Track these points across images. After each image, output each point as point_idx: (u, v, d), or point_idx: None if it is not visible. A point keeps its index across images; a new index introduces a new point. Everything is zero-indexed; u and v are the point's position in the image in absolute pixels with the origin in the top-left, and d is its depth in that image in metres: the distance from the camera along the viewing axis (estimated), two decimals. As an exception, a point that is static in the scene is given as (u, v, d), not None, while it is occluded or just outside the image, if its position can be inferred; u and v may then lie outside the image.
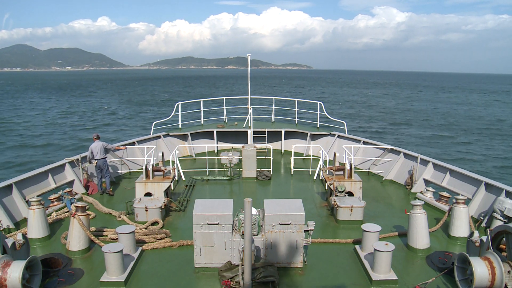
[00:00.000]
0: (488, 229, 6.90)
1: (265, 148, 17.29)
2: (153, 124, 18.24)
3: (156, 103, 71.71)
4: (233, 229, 7.59)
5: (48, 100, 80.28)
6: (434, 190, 12.01)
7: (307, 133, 18.25)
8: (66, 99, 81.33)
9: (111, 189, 12.75)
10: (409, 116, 55.22)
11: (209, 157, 15.87)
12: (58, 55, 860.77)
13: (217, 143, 18.57)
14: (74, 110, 61.48)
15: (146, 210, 10.20)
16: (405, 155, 14.24)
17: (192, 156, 17.59)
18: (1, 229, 8.91)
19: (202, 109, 20.00)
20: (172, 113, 18.89)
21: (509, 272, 6.16)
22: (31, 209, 8.93)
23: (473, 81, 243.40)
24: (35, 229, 8.94)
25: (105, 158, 12.58)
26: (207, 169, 15.04)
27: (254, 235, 7.56)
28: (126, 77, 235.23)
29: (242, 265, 6.33)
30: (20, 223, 9.96)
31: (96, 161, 12.45)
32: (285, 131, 18.38)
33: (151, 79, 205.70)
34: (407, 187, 13.27)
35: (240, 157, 14.91)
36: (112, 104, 70.24)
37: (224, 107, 20.69)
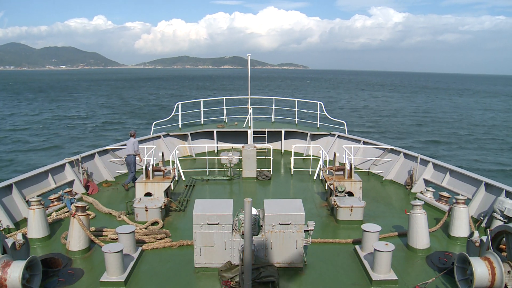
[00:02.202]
0: (488, 229, 6.90)
1: (265, 148, 17.29)
2: (153, 124, 18.24)
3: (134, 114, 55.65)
4: (233, 229, 7.59)
5: (13, 105, 66.98)
6: (434, 190, 12.01)
7: (307, 133, 18.25)
8: (31, 105, 67.16)
9: (128, 185, 13.03)
10: (452, 133, 41.79)
11: (209, 157, 15.87)
12: (53, 54, 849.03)
13: (217, 143, 18.57)
14: (36, 119, 49.83)
15: (146, 210, 10.20)
16: (405, 155, 14.24)
17: (192, 156, 17.59)
18: (1, 229, 8.91)
19: (202, 109, 20.01)
20: (172, 113, 18.90)
21: (509, 272, 6.16)
22: (31, 209, 8.93)
23: (481, 82, 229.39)
24: (35, 229, 8.94)
25: (134, 155, 13.15)
26: (207, 169, 15.04)
27: (254, 235, 7.56)
28: (115, 77, 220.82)
29: (242, 265, 6.33)
30: (20, 223, 9.96)
31: (126, 156, 13.15)
32: (285, 131, 18.39)
33: (143, 79, 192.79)
34: (407, 187, 13.28)
35: (240, 157, 14.92)
36: (80, 111, 58.70)
37: (224, 107, 20.69)
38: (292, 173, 15.01)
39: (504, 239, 6.51)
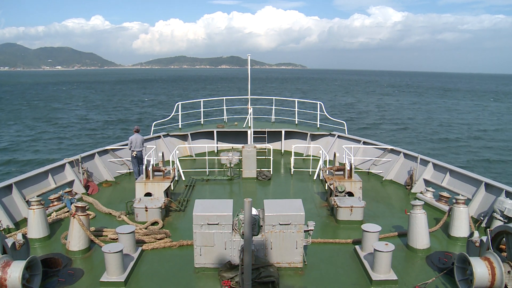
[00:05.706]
0: (488, 229, 6.90)
1: (265, 148, 17.29)
2: (153, 124, 18.24)
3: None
4: (233, 229, 7.59)
5: None
6: (434, 190, 12.01)
7: (307, 133, 18.25)
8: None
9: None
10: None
11: (209, 157, 15.87)
12: (49, 54, 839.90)
13: (217, 143, 18.57)
14: None
15: (146, 210, 10.20)
16: (405, 155, 14.24)
17: (192, 156, 17.58)
18: (1, 229, 8.91)
19: (202, 109, 20.01)
20: (172, 113, 18.90)
21: (509, 272, 6.15)
22: (31, 209, 8.93)
23: (499, 82, 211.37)
24: (35, 229, 8.94)
25: (141, 150, 13.52)
26: (207, 169, 15.04)
27: (254, 235, 7.56)
28: (97, 80, 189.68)
29: (242, 265, 6.33)
30: (20, 223, 9.96)
31: (135, 152, 13.37)
32: (285, 131, 18.39)
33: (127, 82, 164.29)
34: (407, 187, 13.27)
35: (240, 157, 14.92)
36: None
37: (224, 107, 20.69)
38: (292, 173, 15.01)
39: (504, 239, 6.51)
